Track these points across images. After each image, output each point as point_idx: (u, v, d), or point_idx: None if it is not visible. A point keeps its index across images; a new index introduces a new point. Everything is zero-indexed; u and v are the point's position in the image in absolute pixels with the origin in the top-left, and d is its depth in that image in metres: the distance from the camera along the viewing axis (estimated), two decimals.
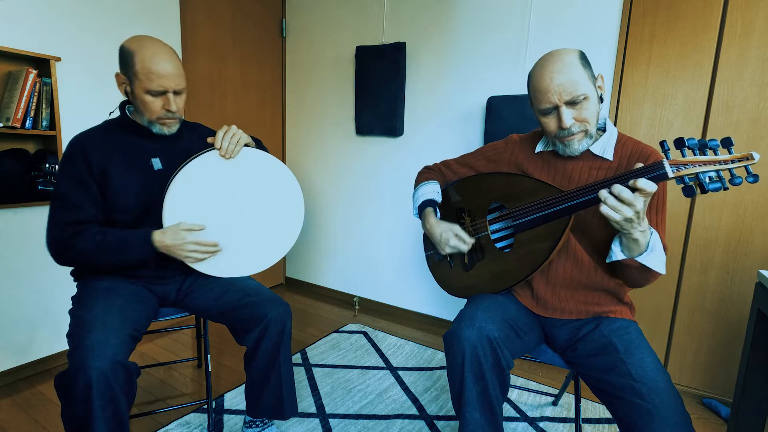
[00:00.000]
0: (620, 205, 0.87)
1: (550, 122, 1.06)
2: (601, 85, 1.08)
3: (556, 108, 1.03)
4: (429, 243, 1.37)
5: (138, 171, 1.24)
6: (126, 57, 1.17)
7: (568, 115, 1.02)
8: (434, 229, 1.24)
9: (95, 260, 1.17)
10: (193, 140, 1.35)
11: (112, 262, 1.19)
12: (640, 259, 0.95)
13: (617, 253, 0.98)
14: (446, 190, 1.35)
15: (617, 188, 0.87)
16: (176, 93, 1.21)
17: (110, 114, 1.31)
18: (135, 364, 1.06)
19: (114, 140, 1.24)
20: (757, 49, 1.59)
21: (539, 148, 1.18)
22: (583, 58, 1.03)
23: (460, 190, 1.30)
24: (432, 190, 1.32)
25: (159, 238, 1.18)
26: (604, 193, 0.88)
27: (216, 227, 1.28)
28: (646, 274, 0.99)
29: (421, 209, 1.31)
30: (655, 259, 0.95)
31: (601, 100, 1.08)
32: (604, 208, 0.88)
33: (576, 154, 1.08)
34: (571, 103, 1.01)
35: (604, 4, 1.85)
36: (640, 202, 0.85)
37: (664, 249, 0.99)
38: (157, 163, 1.28)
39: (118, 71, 1.20)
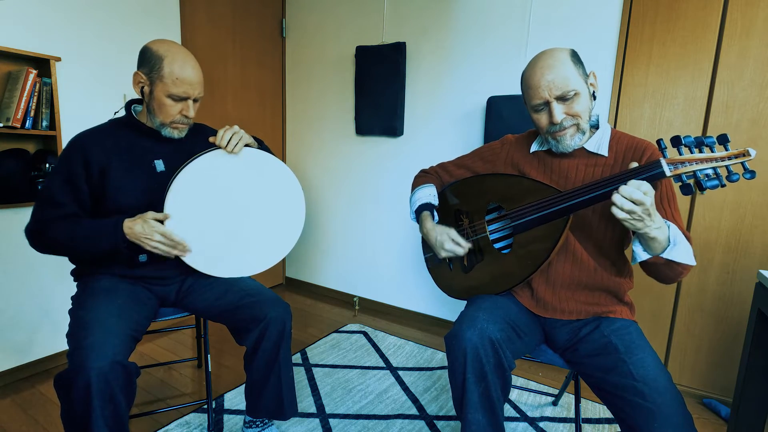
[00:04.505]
0: (632, 206, 0.85)
1: (542, 118, 1.07)
2: (593, 82, 1.08)
3: (547, 104, 1.04)
4: (427, 245, 1.37)
5: (140, 172, 1.24)
6: (152, 59, 1.18)
7: (558, 110, 1.02)
8: (430, 234, 1.24)
9: (69, 248, 1.18)
10: (197, 142, 1.34)
11: (85, 251, 1.18)
12: (666, 255, 0.92)
13: (641, 254, 0.95)
14: (444, 192, 1.35)
15: (627, 190, 0.85)
16: (195, 100, 1.24)
17: (115, 113, 1.31)
18: (135, 364, 1.06)
19: (118, 140, 1.24)
20: (757, 49, 1.59)
21: (534, 147, 1.18)
22: (575, 56, 1.04)
23: (458, 191, 1.30)
24: (428, 194, 1.32)
25: (128, 224, 1.15)
26: (619, 199, 0.86)
27: (217, 227, 1.28)
28: (676, 269, 0.96)
29: (419, 213, 1.31)
30: (681, 252, 0.93)
31: (594, 97, 1.08)
32: (619, 213, 0.86)
33: (568, 151, 1.07)
34: (562, 99, 1.02)
35: (604, 3, 1.85)
36: (648, 200, 0.84)
37: (688, 239, 0.97)
38: (159, 165, 1.27)
39: (138, 70, 1.20)
